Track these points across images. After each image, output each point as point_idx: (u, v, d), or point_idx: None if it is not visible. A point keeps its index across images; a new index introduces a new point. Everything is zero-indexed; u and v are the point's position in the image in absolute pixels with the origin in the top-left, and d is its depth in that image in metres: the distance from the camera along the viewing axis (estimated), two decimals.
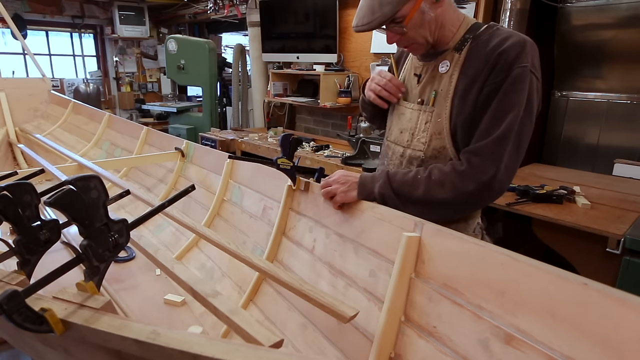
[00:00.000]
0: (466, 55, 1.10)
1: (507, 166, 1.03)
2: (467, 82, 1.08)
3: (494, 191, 1.06)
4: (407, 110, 1.24)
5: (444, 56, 1.15)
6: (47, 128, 3.56)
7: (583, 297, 0.69)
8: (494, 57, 1.03)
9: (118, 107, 7.62)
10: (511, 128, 1.01)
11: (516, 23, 2.70)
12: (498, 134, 1.01)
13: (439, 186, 1.06)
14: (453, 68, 1.12)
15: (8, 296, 0.59)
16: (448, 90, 1.12)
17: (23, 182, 0.87)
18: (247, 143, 3.80)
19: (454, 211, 1.15)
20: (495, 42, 1.05)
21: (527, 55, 1.02)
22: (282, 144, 1.35)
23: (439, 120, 1.14)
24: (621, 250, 1.66)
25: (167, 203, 1.04)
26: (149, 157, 2.35)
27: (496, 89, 1.03)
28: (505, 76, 1.01)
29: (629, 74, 2.76)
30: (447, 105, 1.12)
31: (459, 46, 1.12)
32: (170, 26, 7.43)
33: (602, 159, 2.84)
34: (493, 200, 1.11)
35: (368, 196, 1.17)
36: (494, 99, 1.03)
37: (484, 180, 1.03)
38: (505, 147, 1.02)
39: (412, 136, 1.21)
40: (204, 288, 0.95)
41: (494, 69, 1.03)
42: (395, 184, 1.11)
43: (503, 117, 1.01)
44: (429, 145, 1.17)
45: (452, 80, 1.11)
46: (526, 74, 1.01)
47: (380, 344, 0.98)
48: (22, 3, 6.24)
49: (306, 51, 4.07)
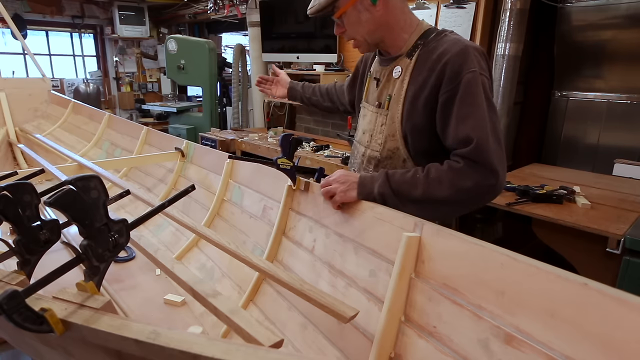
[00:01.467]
0: (415, 61, 1.15)
1: (499, 161, 1.04)
2: (416, 89, 1.13)
3: (493, 188, 1.06)
4: (368, 112, 1.31)
5: (397, 62, 1.20)
6: (47, 128, 3.56)
7: (583, 297, 0.69)
8: (439, 67, 1.07)
9: (118, 107, 7.62)
10: (483, 127, 1.04)
11: (516, 23, 2.70)
12: (476, 138, 1.02)
13: (437, 184, 1.07)
14: (404, 74, 1.17)
15: (8, 296, 0.59)
16: (400, 95, 1.18)
17: (23, 182, 0.87)
18: (247, 143, 3.80)
19: (454, 210, 1.16)
20: (439, 51, 1.09)
21: (472, 60, 1.05)
22: (282, 144, 1.35)
23: (393, 123, 1.20)
24: (621, 250, 1.66)
25: (167, 203, 1.04)
26: (149, 157, 2.35)
27: (451, 96, 1.06)
28: (457, 83, 1.05)
29: (629, 74, 2.77)
30: (399, 109, 1.18)
31: (410, 52, 1.17)
32: (170, 26, 7.43)
33: (602, 159, 2.84)
34: (493, 198, 1.12)
35: (368, 196, 1.17)
36: (454, 105, 1.06)
37: (480, 181, 1.04)
38: (487, 147, 1.03)
39: (371, 137, 1.28)
40: (204, 288, 0.95)
41: (443, 78, 1.07)
42: (394, 183, 1.11)
43: (470, 117, 1.04)
44: (384, 147, 1.23)
45: (403, 86, 1.17)
46: (477, 77, 1.05)
47: (380, 344, 0.98)
48: (22, 3, 6.24)
49: (306, 51, 4.08)
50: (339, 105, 1.70)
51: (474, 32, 2.95)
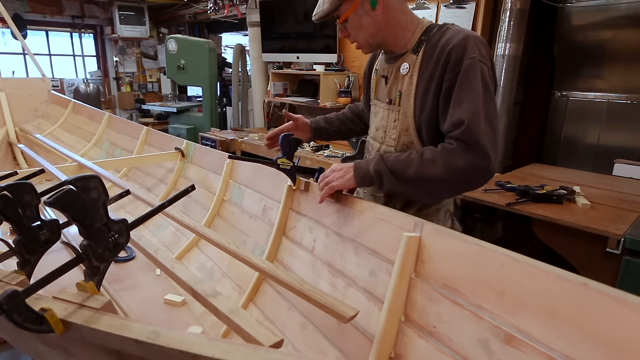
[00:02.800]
0: (422, 56, 1.18)
1: (490, 144, 1.06)
2: (426, 82, 1.17)
3: (486, 170, 1.08)
4: (380, 109, 1.34)
5: (403, 58, 1.23)
6: (47, 128, 3.56)
7: (583, 297, 0.69)
8: (444, 56, 1.12)
9: (118, 107, 7.62)
10: (477, 110, 1.07)
11: (516, 23, 2.70)
12: (467, 120, 1.06)
13: (431, 163, 1.09)
14: (412, 70, 1.21)
15: (8, 296, 0.59)
16: (410, 91, 1.21)
17: (23, 182, 0.87)
18: (247, 143, 3.80)
19: (448, 190, 1.19)
20: (443, 41, 1.14)
21: (473, 47, 1.09)
22: (282, 144, 1.35)
23: (405, 118, 1.24)
24: (621, 250, 1.66)
25: (167, 203, 1.04)
26: (149, 157, 2.35)
27: (453, 83, 1.11)
28: (458, 70, 1.09)
29: (629, 74, 2.76)
30: (410, 104, 1.22)
31: (416, 48, 1.20)
32: (170, 26, 7.43)
33: (602, 159, 2.84)
34: (486, 181, 1.14)
35: (364, 177, 1.17)
36: (454, 88, 1.11)
37: (473, 161, 1.06)
38: (479, 128, 1.06)
39: (385, 133, 1.31)
40: (204, 288, 0.95)
41: (447, 66, 1.11)
42: (389, 162, 1.13)
43: (465, 101, 1.08)
44: (399, 141, 1.27)
45: (413, 81, 1.20)
46: (475, 64, 1.08)
47: (380, 344, 0.98)
48: (22, 3, 6.24)
49: (306, 51, 4.07)
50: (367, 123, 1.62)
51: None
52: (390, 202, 1.31)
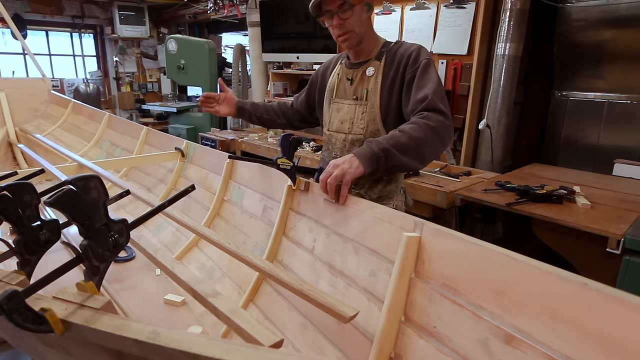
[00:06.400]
0: (384, 62, 1.51)
1: (447, 109, 1.36)
2: (390, 81, 1.49)
3: (451, 128, 1.36)
4: (345, 105, 1.59)
5: (368, 64, 1.54)
6: (47, 128, 3.56)
7: (583, 297, 0.69)
8: (405, 58, 1.46)
9: (118, 107, 7.63)
10: (437, 90, 1.37)
11: (516, 23, 2.71)
12: (430, 95, 1.35)
13: (415, 128, 1.30)
14: (377, 72, 1.51)
15: (8, 296, 0.59)
16: (376, 89, 1.51)
17: (23, 182, 0.87)
18: (247, 143, 3.80)
19: (432, 151, 1.37)
20: (402, 50, 1.50)
21: (425, 53, 1.47)
22: (282, 144, 1.35)
23: (373, 110, 1.52)
24: (621, 250, 1.66)
25: (167, 203, 1.04)
26: (149, 157, 2.35)
27: (414, 74, 1.43)
28: (417, 67, 1.43)
29: (629, 74, 2.76)
30: (376, 98, 1.51)
31: (379, 56, 1.53)
32: (170, 26, 7.43)
33: (602, 159, 2.84)
34: (451, 137, 1.41)
35: (371, 159, 1.23)
36: (415, 79, 1.42)
37: (442, 121, 1.33)
38: (439, 100, 1.36)
39: (352, 124, 1.56)
40: (204, 288, 0.95)
41: (407, 65, 1.45)
42: (385, 139, 1.27)
43: (427, 85, 1.38)
44: (367, 129, 1.53)
45: (378, 81, 1.51)
46: (429, 63, 1.43)
47: (380, 344, 0.98)
48: (22, 3, 6.24)
49: (306, 51, 4.08)
50: (294, 122, 1.90)
51: (473, 32, 2.95)
52: (358, 183, 1.51)
